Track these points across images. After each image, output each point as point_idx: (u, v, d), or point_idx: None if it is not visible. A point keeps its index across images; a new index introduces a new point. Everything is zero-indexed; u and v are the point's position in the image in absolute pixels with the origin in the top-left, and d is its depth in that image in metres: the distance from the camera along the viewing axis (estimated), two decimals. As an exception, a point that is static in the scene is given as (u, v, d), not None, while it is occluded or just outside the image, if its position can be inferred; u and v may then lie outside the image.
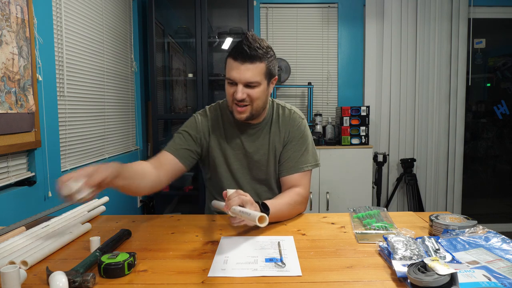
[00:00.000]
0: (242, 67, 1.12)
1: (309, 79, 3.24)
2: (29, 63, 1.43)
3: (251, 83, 1.13)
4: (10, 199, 1.35)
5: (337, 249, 0.89)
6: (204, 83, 2.78)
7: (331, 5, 3.22)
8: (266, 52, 1.14)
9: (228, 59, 1.16)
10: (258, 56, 1.12)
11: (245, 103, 1.16)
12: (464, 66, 3.14)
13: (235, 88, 1.14)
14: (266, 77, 1.17)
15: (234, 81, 1.14)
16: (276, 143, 1.28)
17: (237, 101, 1.15)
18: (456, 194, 3.24)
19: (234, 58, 1.13)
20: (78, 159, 1.93)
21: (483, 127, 3.59)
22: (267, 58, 1.15)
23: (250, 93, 1.15)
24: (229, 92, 1.17)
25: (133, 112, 2.77)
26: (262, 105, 1.20)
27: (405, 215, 1.19)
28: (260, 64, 1.13)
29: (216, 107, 1.33)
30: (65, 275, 0.67)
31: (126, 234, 0.96)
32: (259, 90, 1.16)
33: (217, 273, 0.76)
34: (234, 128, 1.28)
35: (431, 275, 0.65)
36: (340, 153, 2.86)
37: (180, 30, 3.10)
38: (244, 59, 1.11)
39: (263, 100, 1.19)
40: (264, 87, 1.17)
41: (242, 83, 1.13)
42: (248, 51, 1.11)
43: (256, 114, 1.21)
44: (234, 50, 1.14)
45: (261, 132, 1.28)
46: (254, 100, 1.16)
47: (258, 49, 1.12)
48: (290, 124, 1.29)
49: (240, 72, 1.12)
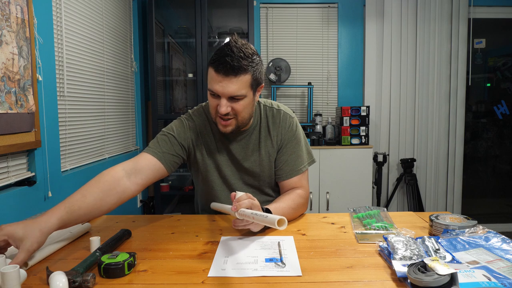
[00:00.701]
0: (225, 80, 1.02)
1: (309, 79, 3.24)
2: (29, 63, 1.43)
3: (236, 97, 1.05)
4: (10, 199, 1.35)
5: (337, 249, 0.89)
6: (204, 83, 2.78)
7: (331, 5, 3.22)
8: (251, 61, 1.04)
9: (209, 68, 1.05)
10: (243, 68, 1.02)
11: (229, 116, 1.08)
12: (464, 66, 3.14)
13: (218, 101, 1.06)
14: (252, 88, 1.08)
15: (216, 94, 1.05)
16: (268, 147, 1.23)
17: (220, 115, 1.07)
18: (456, 194, 3.24)
19: (216, 70, 1.03)
20: (78, 159, 1.94)
21: (483, 127, 3.59)
22: (252, 68, 1.05)
23: (235, 106, 1.06)
24: (212, 105, 1.09)
25: (133, 112, 2.77)
26: (248, 116, 1.13)
27: (405, 215, 1.19)
28: (245, 76, 1.03)
29: (201, 111, 1.26)
30: (65, 275, 0.67)
31: (126, 234, 0.96)
32: (244, 103, 1.07)
33: (217, 273, 0.76)
34: (223, 136, 1.22)
35: (431, 275, 0.65)
36: (340, 153, 2.86)
37: (180, 30, 3.10)
38: (226, 72, 1.01)
39: (249, 111, 1.12)
40: (250, 98, 1.09)
41: (226, 97, 1.04)
42: (231, 62, 1.00)
43: (242, 125, 1.14)
44: (215, 60, 1.03)
45: (250, 138, 1.23)
46: (239, 113, 1.08)
47: (242, 59, 1.01)
48: (281, 126, 1.23)
49: (223, 85, 1.02)
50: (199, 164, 1.24)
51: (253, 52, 1.06)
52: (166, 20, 3.17)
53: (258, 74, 1.09)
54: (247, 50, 1.04)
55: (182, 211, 3.27)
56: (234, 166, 1.25)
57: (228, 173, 1.24)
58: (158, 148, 1.14)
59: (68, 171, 1.80)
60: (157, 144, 1.15)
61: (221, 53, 1.03)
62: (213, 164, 1.24)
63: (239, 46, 1.03)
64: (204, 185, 1.29)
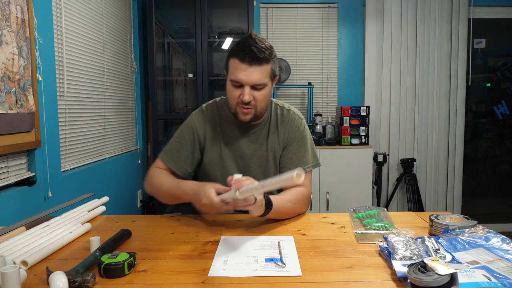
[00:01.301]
0: (250, 69, 1.09)
1: (309, 79, 3.24)
2: (29, 63, 1.43)
3: (258, 85, 1.11)
4: (10, 199, 1.35)
5: (337, 249, 0.89)
6: (204, 83, 2.78)
7: (331, 5, 3.22)
8: (270, 53, 1.12)
9: (232, 60, 1.12)
10: (266, 58, 1.10)
11: (250, 106, 1.14)
12: (464, 66, 3.14)
13: (241, 90, 1.12)
14: (271, 78, 1.16)
15: (240, 83, 1.11)
16: (275, 144, 1.27)
17: (242, 104, 1.13)
18: (456, 194, 3.24)
19: (241, 59, 1.09)
20: (78, 159, 1.94)
21: (483, 127, 3.59)
22: (272, 59, 1.14)
23: (256, 95, 1.13)
24: (234, 95, 1.14)
25: (133, 112, 2.77)
26: (265, 106, 1.20)
27: (405, 215, 1.19)
28: (267, 66, 1.11)
29: (213, 105, 1.31)
30: (65, 275, 0.67)
31: (126, 234, 0.96)
32: (264, 92, 1.14)
33: (217, 273, 0.76)
34: (232, 129, 1.26)
35: (431, 275, 0.65)
36: (340, 153, 2.86)
37: (180, 30, 3.10)
38: (252, 61, 1.08)
39: (266, 101, 1.19)
40: (269, 88, 1.17)
41: (249, 85, 1.11)
42: (257, 52, 1.08)
43: (259, 115, 1.19)
44: (239, 51, 1.10)
45: (260, 133, 1.27)
46: (259, 102, 1.15)
47: (265, 50, 1.10)
48: (289, 125, 1.27)
49: (248, 74, 1.09)
50: (204, 156, 1.28)
51: (271, 46, 1.15)
52: (166, 20, 3.16)
53: (275, 66, 1.17)
54: (266, 43, 1.13)
55: (182, 211, 3.27)
56: (240, 161, 1.27)
57: (232, 169, 1.26)
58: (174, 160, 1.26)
59: (68, 171, 1.80)
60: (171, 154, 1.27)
61: (245, 44, 1.10)
62: (218, 158, 1.27)
63: (260, 39, 1.12)
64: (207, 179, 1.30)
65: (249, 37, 1.11)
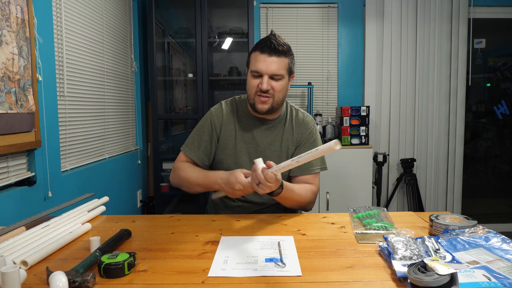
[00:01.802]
0: (269, 59, 1.19)
1: (309, 79, 3.24)
2: (29, 63, 1.43)
3: (275, 75, 1.21)
4: (10, 199, 1.35)
5: (337, 249, 0.89)
6: (204, 83, 2.78)
7: (331, 5, 3.22)
8: (289, 49, 1.24)
9: (253, 53, 1.24)
10: (284, 51, 1.21)
11: (268, 94, 1.22)
12: (464, 66, 3.14)
13: (260, 80, 1.22)
14: (288, 72, 1.25)
15: (259, 73, 1.21)
16: (288, 141, 1.34)
17: (260, 92, 1.21)
18: (456, 194, 3.24)
19: (261, 50, 1.21)
20: (78, 159, 1.94)
21: (483, 127, 3.59)
22: (290, 55, 1.24)
23: (274, 85, 1.22)
24: (253, 84, 1.23)
25: (133, 112, 2.77)
26: (282, 99, 1.27)
27: (405, 215, 1.19)
28: (284, 59, 1.22)
29: (233, 101, 1.39)
30: (65, 275, 0.67)
31: (126, 234, 0.96)
32: (281, 83, 1.23)
33: (217, 273, 0.76)
34: (248, 122, 1.33)
35: (431, 275, 0.65)
36: (340, 153, 2.86)
37: (180, 30, 3.10)
38: (271, 52, 1.19)
39: (283, 94, 1.26)
40: (286, 81, 1.25)
41: (268, 75, 1.20)
42: (276, 45, 1.19)
43: (276, 107, 1.26)
44: (261, 44, 1.22)
45: (275, 129, 1.33)
46: (276, 93, 1.23)
47: (284, 45, 1.21)
48: (303, 126, 1.35)
49: (267, 64, 1.19)
50: (219, 148, 1.34)
51: (289, 45, 1.26)
52: (166, 20, 3.16)
53: (292, 63, 1.27)
54: (286, 42, 1.25)
55: (182, 211, 3.27)
56: (254, 154, 1.32)
57: (245, 161, 1.31)
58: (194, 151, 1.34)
59: (68, 171, 1.80)
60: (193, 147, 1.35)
61: (266, 39, 1.22)
62: (232, 149, 1.32)
63: (280, 37, 1.24)
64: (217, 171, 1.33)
65: (270, 34, 1.25)
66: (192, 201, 3.21)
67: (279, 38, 1.23)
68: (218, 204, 1.39)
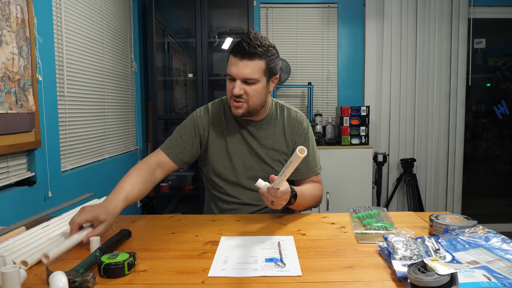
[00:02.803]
0: (241, 63, 1.14)
1: (309, 79, 3.24)
2: (29, 63, 1.43)
3: (248, 80, 1.15)
4: (10, 199, 1.35)
5: (337, 249, 0.89)
6: (204, 83, 2.78)
7: (331, 5, 3.22)
8: (266, 50, 1.15)
9: (229, 56, 1.19)
10: (257, 54, 1.14)
11: (241, 99, 1.17)
12: (464, 66, 3.14)
13: (234, 83, 1.17)
14: (265, 75, 1.18)
15: (232, 77, 1.17)
16: (281, 141, 1.30)
17: (234, 97, 1.17)
18: (456, 194, 3.24)
19: (233, 54, 1.16)
20: (78, 159, 1.94)
21: (483, 127, 3.59)
22: (268, 56, 1.16)
23: (247, 89, 1.16)
24: (229, 88, 1.20)
25: (133, 112, 2.77)
26: (259, 103, 1.21)
27: (405, 215, 1.19)
28: (259, 62, 1.15)
29: (219, 102, 1.35)
30: (65, 275, 0.67)
31: (126, 234, 0.96)
32: (256, 87, 1.17)
33: (217, 273, 0.76)
34: (236, 124, 1.30)
35: (431, 275, 0.65)
36: (340, 153, 2.86)
37: (180, 30, 3.10)
38: (242, 56, 1.13)
39: (260, 98, 1.20)
40: (263, 84, 1.19)
41: (240, 79, 1.15)
42: (247, 48, 1.13)
43: (253, 111, 1.22)
44: (234, 47, 1.17)
45: (264, 129, 1.30)
46: (250, 98, 1.17)
47: (258, 47, 1.14)
48: (297, 126, 1.32)
49: (238, 68, 1.14)
50: (209, 150, 1.31)
51: (270, 44, 1.18)
52: (166, 20, 3.16)
53: (273, 64, 1.19)
54: (264, 41, 1.16)
55: (182, 211, 3.27)
56: (244, 156, 1.29)
57: (238, 162, 1.29)
58: (169, 146, 1.29)
59: (68, 171, 1.80)
60: (169, 142, 1.30)
61: (240, 41, 1.16)
62: (224, 151, 1.30)
63: (257, 36, 1.16)
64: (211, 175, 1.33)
65: (246, 34, 1.17)
66: (192, 201, 3.21)
67: (255, 38, 1.15)
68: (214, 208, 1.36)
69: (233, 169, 1.29)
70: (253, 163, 1.29)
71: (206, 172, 1.36)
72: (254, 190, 1.30)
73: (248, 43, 1.13)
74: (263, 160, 1.29)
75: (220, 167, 1.30)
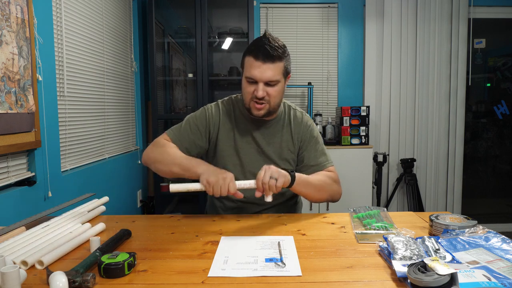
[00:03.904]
0: (264, 66, 1.14)
1: (309, 79, 3.24)
2: (29, 63, 1.43)
3: (271, 82, 1.17)
4: (10, 199, 1.35)
5: (337, 249, 0.89)
6: (204, 83, 2.78)
7: (331, 5, 3.22)
8: (284, 51, 1.18)
9: (247, 58, 1.18)
10: (279, 56, 1.15)
11: (263, 101, 1.19)
12: (464, 66, 3.14)
13: (255, 86, 1.17)
14: (284, 75, 1.21)
15: (254, 80, 1.16)
16: (288, 141, 1.32)
17: (256, 99, 1.18)
18: (456, 194, 3.24)
19: (255, 57, 1.15)
20: (78, 159, 1.94)
21: (483, 127, 3.59)
22: (285, 57, 1.19)
23: (270, 91, 1.18)
24: (249, 91, 1.20)
25: (133, 112, 2.77)
26: (279, 102, 1.24)
27: (405, 215, 1.19)
28: (280, 63, 1.17)
29: (229, 101, 1.36)
30: (65, 275, 0.67)
31: (126, 234, 0.96)
32: (277, 88, 1.19)
33: (217, 273, 0.76)
34: (247, 123, 1.31)
35: (431, 275, 0.65)
36: (340, 153, 2.86)
37: (180, 30, 3.10)
38: (265, 59, 1.14)
39: (280, 97, 1.24)
40: (283, 84, 1.22)
41: (263, 82, 1.16)
42: (270, 50, 1.13)
43: (273, 110, 1.24)
44: (254, 49, 1.16)
45: (274, 129, 1.31)
46: (272, 98, 1.19)
47: (278, 48, 1.15)
48: (302, 125, 1.33)
49: (261, 71, 1.14)
50: (218, 148, 1.31)
51: (284, 45, 1.21)
52: (166, 20, 3.16)
53: (288, 64, 1.22)
54: (280, 42, 1.19)
55: (182, 211, 3.27)
56: (255, 154, 1.30)
57: (247, 161, 1.30)
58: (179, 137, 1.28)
59: (68, 171, 1.80)
60: (179, 132, 1.29)
61: (259, 43, 1.16)
62: (233, 150, 1.30)
63: (274, 38, 1.18)
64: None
65: (263, 36, 1.18)
66: (192, 201, 3.21)
67: (273, 40, 1.16)
68: (218, 205, 1.37)
69: (241, 167, 1.30)
70: (261, 161, 1.29)
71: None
72: None
73: (270, 46, 1.14)
74: (271, 158, 1.30)
75: (229, 165, 1.30)
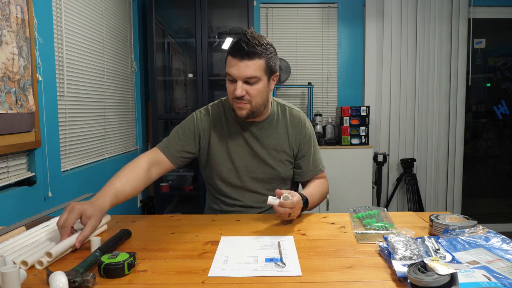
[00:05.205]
0: (241, 63, 1.13)
1: (309, 79, 3.24)
2: (29, 63, 1.43)
3: (250, 79, 1.14)
4: (10, 199, 1.35)
5: (337, 249, 0.89)
6: (204, 83, 2.78)
7: (331, 5, 3.22)
8: (265, 49, 1.15)
9: (227, 56, 1.17)
10: (257, 53, 1.13)
11: (244, 100, 1.16)
12: (464, 66, 3.14)
13: (235, 85, 1.15)
14: (266, 73, 1.17)
15: (233, 78, 1.15)
16: (284, 143, 1.29)
17: (236, 98, 1.16)
18: (456, 194, 3.24)
19: (232, 55, 1.14)
20: (78, 159, 1.94)
21: (483, 127, 3.59)
22: (267, 55, 1.15)
23: (249, 90, 1.15)
24: (230, 90, 1.19)
25: (133, 112, 2.77)
26: (262, 102, 1.20)
27: (405, 215, 1.19)
28: (259, 61, 1.14)
29: (219, 104, 1.34)
30: (65, 275, 0.67)
31: (126, 234, 0.96)
32: (258, 86, 1.16)
33: (217, 273, 0.76)
34: (237, 126, 1.28)
35: (431, 275, 0.65)
36: (340, 153, 2.86)
37: (180, 30, 3.10)
38: (242, 56, 1.12)
39: (263, 97, 1.19)
40: (264, 83, 1.18)
41: (241, 80, 1.14)
42: (246, 48, 1.11)
43: (256, 111, 1.20)
44: (232, 47, 1.15)
45: (267, 130, 1.29)
46: (253, 97, 1.16)
47: (256, 46, 1.13)
48: (300, 126, 1.32)
49: (238, 68, 1.13)
50: (210, 153, 1.29)
51: (267, 43, 1.17)
52: (166, 20, 3.16)
53: (272, 62, 1.18)
54: (261, 40, 1.15)
55: (182, 211, 3.27)
56: (248, 157, 1.28)
57: (241, 164, 1.28)
58: (167, 145, 1.27)
59: (68, 171, 1.80)
60: (167, 141, 1.29)
61: (238, 41, 1.14)
62: (226, 154, 1.28)
63: (254, 35, 1.15)
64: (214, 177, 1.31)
65: (243, 34, 1.16)
66: (192, 201, 3.21)
67: (253, 37, 1.13)
68: (216, 209, 1.36)
69: (236, 171, 1.28)
70: (255, 165, 1.28)
71: (208, 175, 1.34)
72: (257, 192, 1.30)
73: (246, 43, 1.12)
74: (265, 161, 1.28)
75: (223, 170, 1.28)
